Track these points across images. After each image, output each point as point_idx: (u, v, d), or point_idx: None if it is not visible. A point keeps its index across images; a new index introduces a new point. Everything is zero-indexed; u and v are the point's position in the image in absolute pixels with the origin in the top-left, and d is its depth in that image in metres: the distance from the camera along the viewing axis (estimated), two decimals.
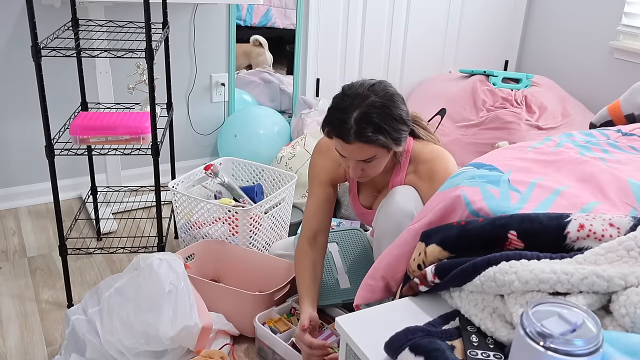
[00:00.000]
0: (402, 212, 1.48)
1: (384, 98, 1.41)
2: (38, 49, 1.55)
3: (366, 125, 1.38)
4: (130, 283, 1.55)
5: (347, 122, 1.39)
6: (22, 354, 1.65)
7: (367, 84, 1.44)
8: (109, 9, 2.29)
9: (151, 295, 1.52)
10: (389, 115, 1.41)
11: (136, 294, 1.53)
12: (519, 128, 2.63)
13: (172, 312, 1.51)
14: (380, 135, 1.40)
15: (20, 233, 2.28)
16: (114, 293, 1.54)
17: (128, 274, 1.59)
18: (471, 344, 0.84)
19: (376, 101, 1.40)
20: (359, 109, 1.39)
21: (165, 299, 1.52)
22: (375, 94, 1.41)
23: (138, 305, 1.52)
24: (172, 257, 1.62)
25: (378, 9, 3.00)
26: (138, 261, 1.60)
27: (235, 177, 2.37)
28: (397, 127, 1.42)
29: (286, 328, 1.64)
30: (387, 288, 1.15)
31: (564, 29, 3.28)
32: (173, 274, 1.57)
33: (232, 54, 2.76)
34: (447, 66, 3.36)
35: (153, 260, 1.57)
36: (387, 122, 1.40)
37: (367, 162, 1.47)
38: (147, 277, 1.55)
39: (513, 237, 0.92)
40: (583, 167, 1.15)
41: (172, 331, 1.48)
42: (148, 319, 1.49)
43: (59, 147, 1.69)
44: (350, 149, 1.43)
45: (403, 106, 1.46)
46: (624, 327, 0.77)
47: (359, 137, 1.39)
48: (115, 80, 2.32)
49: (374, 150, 1.43)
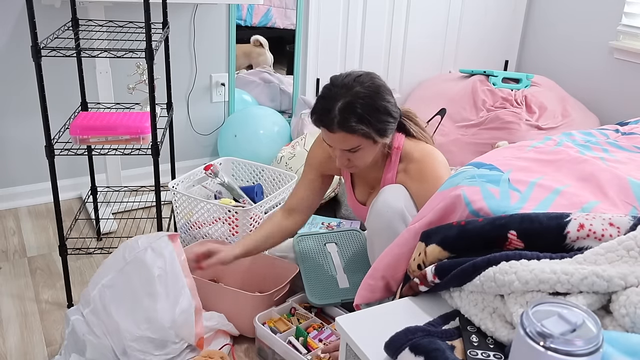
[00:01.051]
0: (392, 210, 1.49)
1: (370, 89, 1.45)
2: (38, 49, 1.55)
3: (349, 115, 1.43)
4: (118, 277, 1.53)
5: (331, 111, 1.43)
6: (22, 354, 1.65)
7: (354, 75, 1.48)
8: (109, 9, 2.29)
9: (143, 283, 1.51)
10: (373, 106, 1.45)
11: (128, 285, 1.52)
12: (519, 128, 2.63)
13: (165, 295, 1.50)
14: (362, 126, 1.43)
15: (20, 233, 2.28)
16: (103, 289, 1.53)
17: (114, 268, 1.56)
18: (471, 344, 0.84)
19: (361, 92, 1.44)
20: (343, 99, 1.43)
21: (156, 283, 1.50)
22: (361, 85, 1.45)
23: (134, 293, 1.51)
24: (156, 240, 1.57)
25: (378, 9, 3.00)
26: (123, 253, 1.57)
27: (235, 177, 2.37)
28: (382, 119, 1.46)
29: (286, 328, 1.64)
30: (387, 288, 1.16)
31: (564, 29, 3.28)
32: (160, 259, 1.54)
33: (232, 54, 2.76)
34: (447, 66, 3.35)
35: (138, 252, 1.55)
36: (371, 113, 1.44)
37: (353, 152, 1.50)
38: (135, 268, 1.53)
39: (513, 237, 0.92)
40: (583, 166, 1.15)
41: (171, 313, 1.48)
42: (146, 304, 1.49)
43: (59, 147, 1.69)
44: (335, 137, 1.47)
45: (389, 98, 1.49)
46: (624, 327, 0.77)
47: (342, 126, 1.44)
48: (115, 80, 2.32)
49: (357, 140, 1.46)
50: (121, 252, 1.58)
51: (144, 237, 1.60)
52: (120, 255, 1.58)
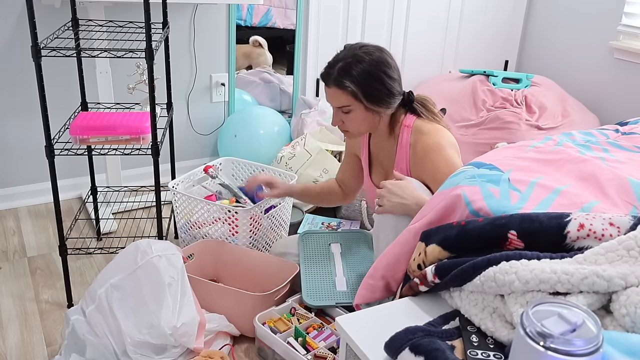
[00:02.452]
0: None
1: (371, 57, 1.59)
2: (38, 49, 1.55)
3: (344, 74, 1.58)
4: (128, 278, 1.54)
5: (332, 68, 1.60)
6: (22, 354, 1.65)
7: (364, 44, 1.64)
8: (109, 9, 2.29)
9: (152, 288, 1.52)
10: (368, 72, 1.57)
11: (136, 289, 1.52)
12: (519, 128, 2.63)
13: (172, 304, 1.51)
14: (352, 85, 1.57)
15: (20, 233, 2.28)
16: (110, 289, 1.53)
17: (124, 270, 1.57)
18: (471, 343, 0.84)
19: (362, 57, 1.58)
20: (344, 61, 1.59)
21: (166, 291, 1.52)
22: (366, 53, 1.59)
23: (141, 297, 1.51)
24: (171, 252, 1.60)
25: (378, 9, 3.00)
26: (135, 256, 1.57)
27: (235, 177, 2.37)
28: (374, 85, 1.58)
29: (286, 328, 1.64)
30: (387, 287, 1.16)
31: (564, 29, 3.28)
32: (173, 269, 1.56)
33: (232, 54, 2.76)
34: (447, 66, 3.35)
35: (152, 257, 1.56)
36: (364, 77, 1.57)
37: (345, 113, 1.63)
38: (147, 273, 1.54)
39: (513, 237, 0.92)
40: (583, 165, 1.15)
41: (173, 321, 1.48)
42: (151, 309, 1.49)
43: (59, 147, 1.69)
44: (329, 92, 1.63)
45: (389, 72, 1.61)
46: (624, 327, 0.77)
47: (335, 81, 1.59)
48: (115, 80, 2.32)
49: (347, 99, 1.60)
50: (132, 253, 1.59)
51: (157, 243, 1.62)
52: (131, 257, 1.58)
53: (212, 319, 1.64)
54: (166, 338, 1.48)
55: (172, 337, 1.49)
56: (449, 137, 1.63)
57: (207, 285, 1.70)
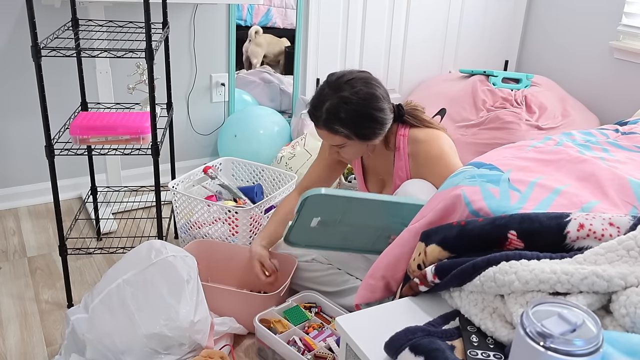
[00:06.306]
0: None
1: (358, 96, 1.53)
2: (38, 49, 1.55)
3: (333, 117, 1.53)
4: (141, 274, 1.53)
5: (319, 109, 1.55)
6: (22, 354, 1.65)
7: (348, 77, 1.55)
8: (109, 9, 2.29)
9: (170, 283, 1.52)
10: (358, 112, 1.53)
11: (151, 284, 1.51)
12: (519, 128, 2.63)
13: (189, 299, 1.52)
14: (344, 129, 1.54)
15: (20, 233, 2.28)
16: (122, 284, 1.52)
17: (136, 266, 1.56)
18: (471, 344, 0.84)
19: (348, 98, 1.52)
20: (330, 101, 1.53)
21: (185, 287, 1.52)
22: (351, 89, 1.53)
23: (157, 291, 1.51)
24: (184, 254, 1.61)
25: (378, 9, 3.00)
26: (148, 253, 1.56)
27: (235, 177, 2.37)
28: (365, 125, 1.55)
29: (283, 330, 1.63)
30: (387, 287, 1.15)
31: (563, 29, 3.28)
32: (189, 268, 1.57)
33: (232, 54, 2.76)
34: (447, 66, 3.35)
35: (167, 256, 1.56)
36: (354, 119, 1.53)
37: (340, 147, 1.61)
38: (162, 269, 1.53)
39: (513, 237, 0.92)
40: (583, 165, 1.15)
41: (191, 316, 1.49)
42: (169, 302, 1.49)
43: (59, 147, 1.69)
44: (320, 132, 1.61)
45: (380, 105, 1.55)
46: (624, 327, 0.77)
47: (325, 125, 1.56)
48: (115, 80, 2.32)
49: (340, 140, 1.58)
50: (146, 251, 1.58)
51: (170, 245, 1.62)
52: (144, 254, 1.57)
53: (222, 322, 1.65)
54: (183, 332, 1.49)
55: (188, 331, 1.49)
56: (447, 141, 1.63)
57: (207, 286, 1.70)
